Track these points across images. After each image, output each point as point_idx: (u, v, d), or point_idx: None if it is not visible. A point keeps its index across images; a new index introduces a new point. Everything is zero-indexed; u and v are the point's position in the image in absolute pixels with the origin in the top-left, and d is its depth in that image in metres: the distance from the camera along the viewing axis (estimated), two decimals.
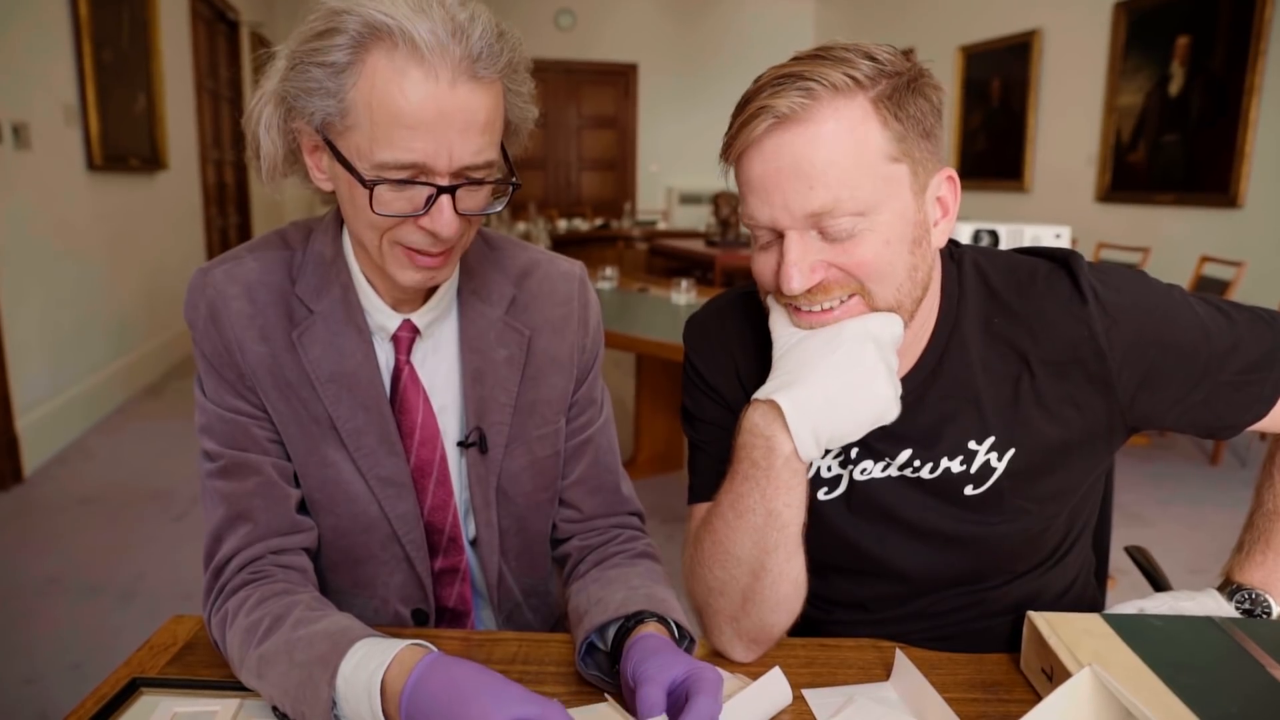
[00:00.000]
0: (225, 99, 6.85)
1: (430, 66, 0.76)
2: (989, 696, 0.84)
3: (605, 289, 3.87)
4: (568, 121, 9.60)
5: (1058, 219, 5.57)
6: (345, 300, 0.92)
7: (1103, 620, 0.85)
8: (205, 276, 0.92)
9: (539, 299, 1.00)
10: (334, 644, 0.76)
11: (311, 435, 0.93)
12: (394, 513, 0.96)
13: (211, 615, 0.89)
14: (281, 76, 0.81)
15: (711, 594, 0.91)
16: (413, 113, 0.77)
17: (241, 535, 0.91)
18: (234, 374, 0.91)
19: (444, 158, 0.79)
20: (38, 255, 3.69)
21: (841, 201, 0.78)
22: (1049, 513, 0.94)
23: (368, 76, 0.77)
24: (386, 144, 0.78)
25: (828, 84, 0.77)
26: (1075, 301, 0.89)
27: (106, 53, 4.27)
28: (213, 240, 6.31)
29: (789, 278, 0.81)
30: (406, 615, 1.02)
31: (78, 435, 4.00)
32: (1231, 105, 4.67)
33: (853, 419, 0.83)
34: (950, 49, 7.04)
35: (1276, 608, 0.94)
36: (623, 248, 6.91)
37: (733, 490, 0.88)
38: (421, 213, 0.81)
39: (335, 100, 0.78)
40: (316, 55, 0.77)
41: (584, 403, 1.05)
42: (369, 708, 0.71)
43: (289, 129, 0.83)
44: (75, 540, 2.96)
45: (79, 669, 2.19)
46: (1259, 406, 0.92)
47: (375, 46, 0.77)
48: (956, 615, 0.99)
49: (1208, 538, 3.10)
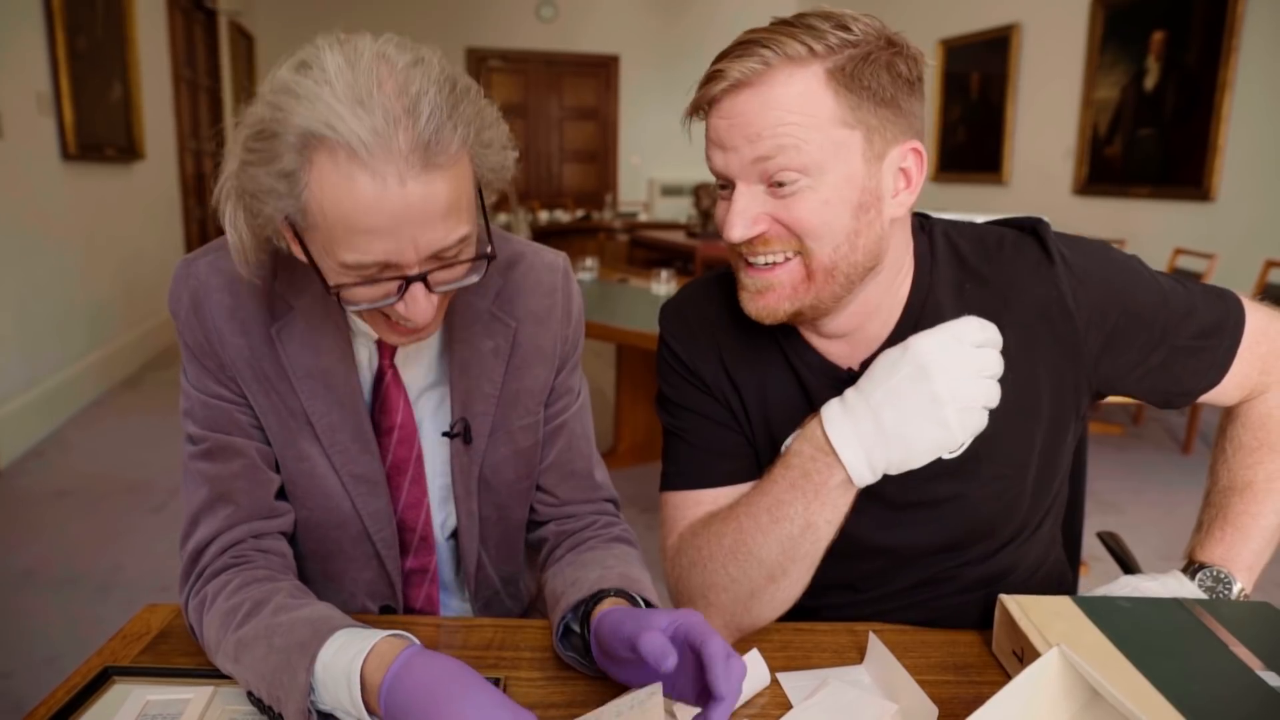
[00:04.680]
0: (204, 89, 6.78)
1: (374, 169, 0.70)
2: (960, 678, 0.85)
3: (585, 280, 3.86)
4: (549, 113, 9.57)
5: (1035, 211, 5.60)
6: (325, 298, 0.89)
7: (1072, 603, 0.87)
8: (189, 267, 0.92)
9: (524, 290, 1.00)
10: (314, 631, 0.76)
11: (289, 428, 0.93)
12: (366, 510, 0.96)
13: (189, 599, 0.89)
14: (235, 174, 0.76)
15: (713, 589, 0.90)
16: (365, 218, 0.72)
17: (223, 518, 0.91)
18: (215, 363, 0.91)
19: (409, 252, 0.75)
20: (12, 246, 3.64)
21: (785, 151, 0.81)
22: (1021, 475, 0.96)
23: (316, 182, 0.72)
24: (348, 248, 0.74)
25: (782, 53, 0.81)
26: (1044, 264, 0.92)
27: (81, 40, 4.21)
28: (191, 231, 6.24)
29: (731, 225, 0.85)
30: (375, 611, 1.02)
31: (54, 427, 3.96)
32: (1205, 100, 4.72)
33: (914, 452, 0.84)
34: (930, 42, 7.07)
35: (1237, 584, 0.96)
36: (604, 239, 6.90)
37: (772, 494, 0.88)
38: (394, 299, 0.79)
39: (292, 200, 0.73)
40: (266, 161, 0.73)
41: (561, 390, 1.05)
42: (348, 696, 0.71)
43: (255, 225, 0.78)
44: (52, 533, 2.94)
45: (55, 662, 2.17)
46: (1213, 373, 0.96)
47: (318, 151, 0.71)
48: (936, 589, 1.00)
49: (1179, 524, 3.14)
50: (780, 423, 0.96)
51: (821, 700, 0.80)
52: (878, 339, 0.93)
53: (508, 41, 9.08)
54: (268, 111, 0.72)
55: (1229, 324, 0.96)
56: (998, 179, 6.50)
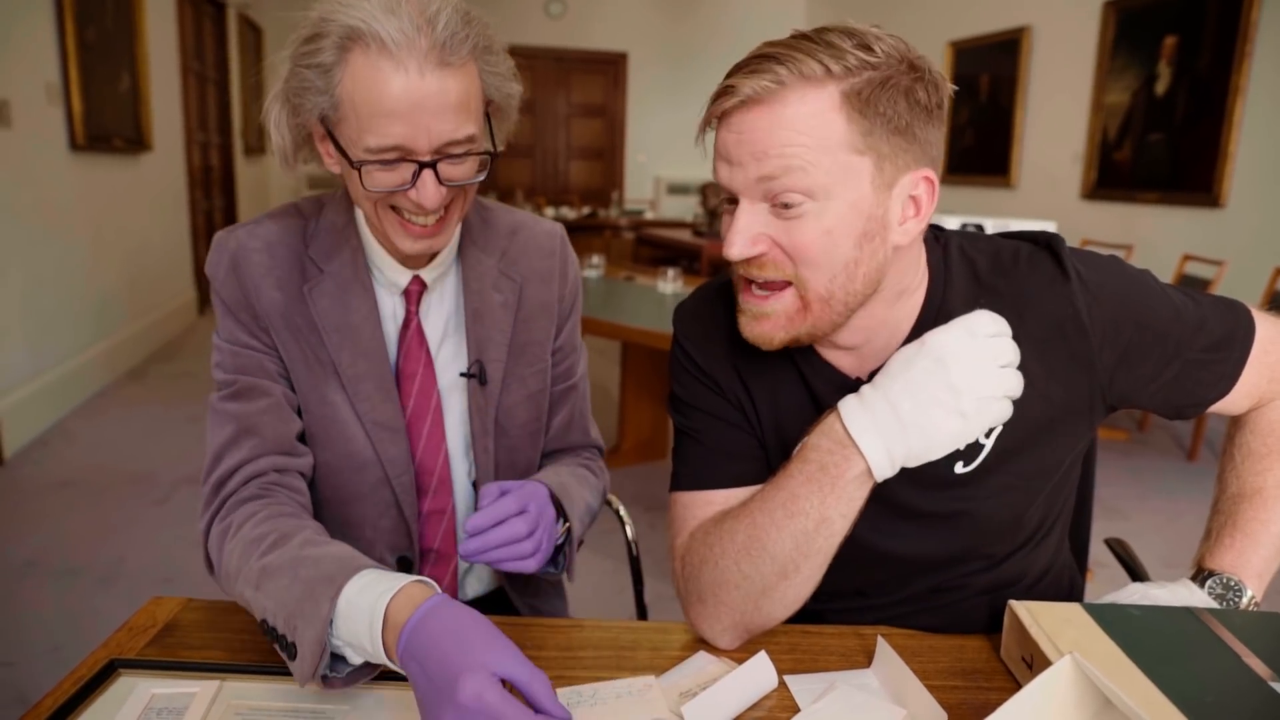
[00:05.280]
0: (212, 81, 6.78)
1: (400, 60, 0.86)
2: (969, 684, 0.85)
3: (592, 277, 3.86)
4: (557, 110, 9.56)
5: (1044, 215, 5.60)
6: (354, 262, 1.03)
7: (1083, 610, 0.86)
8: (229, 235, 1.02)
9: (527, 252, 1.13)
10: (341, 566, 0.79)
11: (315, 375, 1.02)
12: (386, 455, 1.04)
13: (212, 525, 0.94)
14: (284, 79, 0.92)
15: (725, 587, 0.90)
16: (389, 103, 0.87)
17: (248, 448, 0.97)
18: (249, 316, 1.00)
19: (422, 138, 0.88)
20: (18, 235, 3.65)
21: (791, 172, 0.80)
22: (1034, 489, 0.95)
23: (350, 74, 0.87)
24: (371, 131, 0.88)
25: (798, 72, 0.79)
26: (1058, 280, 0.91)
27: (90, 31, 4.22)
28: (197, 223, 6.24)
29: (731, 243, 0.84)
30: (392, 563, 1.08)
31: (59, 418, 3.96)
32: (1216, 106, 4.71)
33: (933, 442, 0.83)
34: (940, 44, 7.06)
35: (1248, 592, 0.95)
36: (610, 237, 6.91)
37: (788, 488, 0.87)
38: (408, 186, 0.91)
39: (327, 96, 0.89)
40: (308, 58, 0.88)
41: (567, 349, 1.17)
42: (368, 631, 0.73)
43: (295, 124, 0.94)
44: (55, 523, 2.94)
45: (58, 652, 2.17)
46: (1223, 384, 0.97)
47: (354, 47, 0.87)
48: (943, 596, 0.99)
49: (1184, 531, 3.13)
50: (791, 427, 0.96)
51: (829, 704, 0.79)
52: (887, 350, 0.92)
53: (516, 37, 9.07)
54: (317, 17, 0.89)
55: (1239, 335, 0.96)
56: (1005, 182, 6.48)
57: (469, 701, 0.65)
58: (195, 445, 3.69)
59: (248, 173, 7.83)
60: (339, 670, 0.77)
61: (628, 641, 0.91)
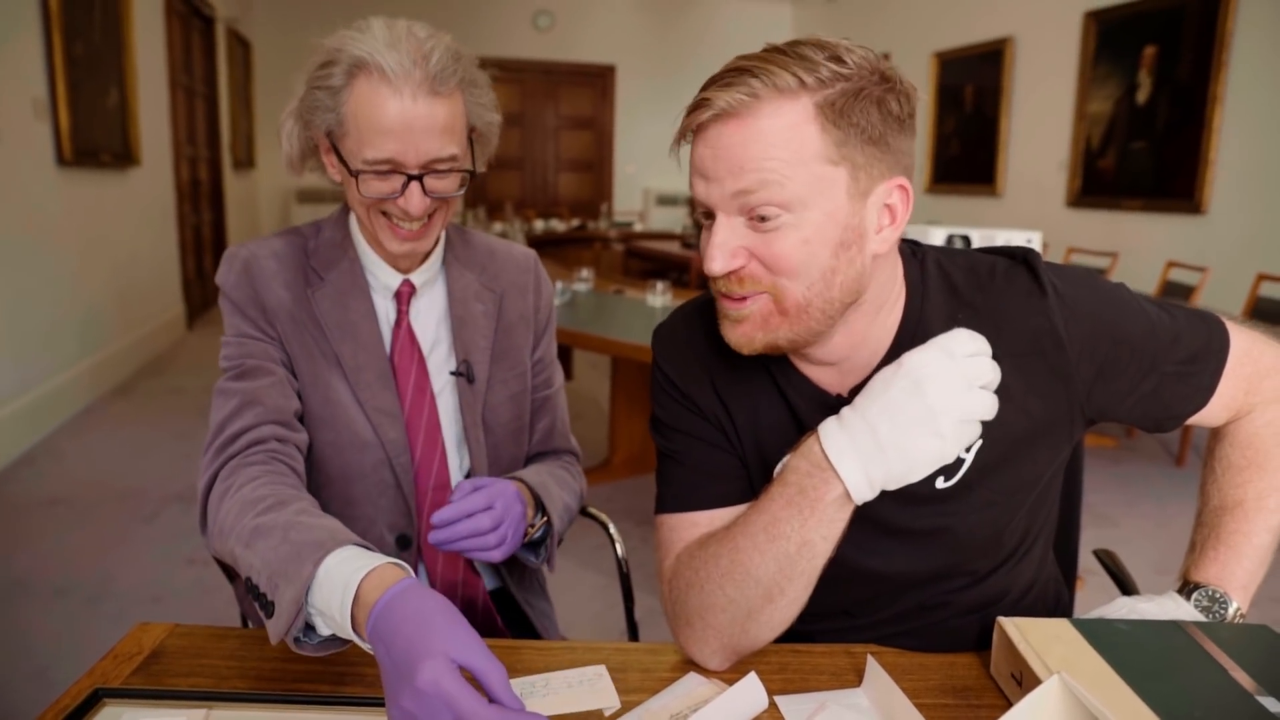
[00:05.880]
0: (200, 95, 6.77)
1: (397, 88, 1.01)
2: (959, 702, 0.85)
3: (581, 291, 3.86)
4: (545, 122, 9.58)
5: (1029, 224, 5.64)
6: (352, 271, 1.16)
7: (1071, 626, 0.87)
8: (240, 248, 1.15)
9: (506, 269, 1.27)
10: (330, 535, 0.83)
11: (319, 366, 1.13)
12: (386, 437, 1.14)
13: (213, 484, 0.99)
14: (299, 98, 1.07)
15: (711, 610, 0.90)
16: (386, 122, 1.01)
17: (251, 416, 1.05)
18: (258, 311, 1.11)
19: (412, 154, 1.03)
20: (6, 251, 3.62)
21: (768, 186, 0.80)
22: (1014, 503, 0.96)
23: (354, 97, 1.02)
24: (369, 145, 1.02)
25: (772, 84, 0.79)
26: (1035, 294, 0.92)
27: (78, 46, 4.21)
28: (185, 238, 6.22)
29: (711, 258, 0.84)
30: (391, 541, 1.16)
31: (46, 435, 3.94)
32: (1196, 113, 4.76)
33: (912, 464, 0.83)
34: (925, 55, 7.11)
35: (1233, 604, 0.96)
36: (599, 249, 6.91)
37: (769, 512, 0.87)
38: (398, 195, 1.05)
39: (334, 114, 1.04)
40: (320, 81, 1.03)
41: (546, 360, 1.30)
42: (339, 604, 0.76)
43: (305, 136, 1.10)
44: (42, 542, 2.92)
45: (44, 673, 2.15)
46: (1200, 397, 0.97)
47: (359, 74, 1.02)
48: (930, 615, 1.00)
49: (1173, 537, 3.15)
50: (772, 446, 0.96)
51: None
52: (868, 366, 0.92)
53: (504, 50, 9.09)
54: (331, 46, 1.04)
55: (1214, 348, 0.97)
56: (991, 191, 6.53)
57: (426, 686, 0.66)
58: (184, 462, 3.67)
59: (236, 187, 7.81)
60: (310, 638, 0.80)
61: (618, 663, 0.91)
